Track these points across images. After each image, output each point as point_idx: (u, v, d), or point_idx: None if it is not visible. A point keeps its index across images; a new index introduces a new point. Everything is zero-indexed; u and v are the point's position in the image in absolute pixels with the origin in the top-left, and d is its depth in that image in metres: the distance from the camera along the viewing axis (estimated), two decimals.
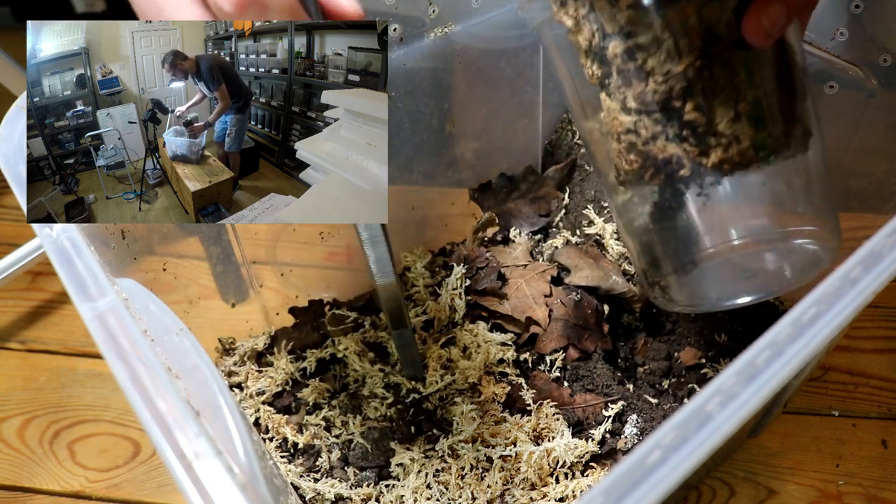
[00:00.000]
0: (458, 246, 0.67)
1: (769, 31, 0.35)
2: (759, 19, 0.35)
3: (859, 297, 0.31)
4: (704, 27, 0.35)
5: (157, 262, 0.51)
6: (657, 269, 0.44)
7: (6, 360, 0.69)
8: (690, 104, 0.36)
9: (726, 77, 0.36)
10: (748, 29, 0.35)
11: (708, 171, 0.38)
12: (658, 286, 0.45)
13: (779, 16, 0.35)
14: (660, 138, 0.37)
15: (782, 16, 0.35)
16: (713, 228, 0.40)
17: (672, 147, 0.37)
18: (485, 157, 0.66)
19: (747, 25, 0.35)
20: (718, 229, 0.40)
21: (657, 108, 0.37)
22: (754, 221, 0.40)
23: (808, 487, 0.56)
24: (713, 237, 0.40)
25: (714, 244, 0.40)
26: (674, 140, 0.37)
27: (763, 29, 0.35)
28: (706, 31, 0.35)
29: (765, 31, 0.35)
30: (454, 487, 0.50)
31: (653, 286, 0.46)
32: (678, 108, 0.36)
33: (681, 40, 0.35)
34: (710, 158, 0.37)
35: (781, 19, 0.35)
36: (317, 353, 0.58)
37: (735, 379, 0.28)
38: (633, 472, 0.26)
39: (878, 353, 0.65)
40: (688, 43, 0.35)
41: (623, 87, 0.37)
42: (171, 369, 0.32)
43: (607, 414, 0.53)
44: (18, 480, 0.60)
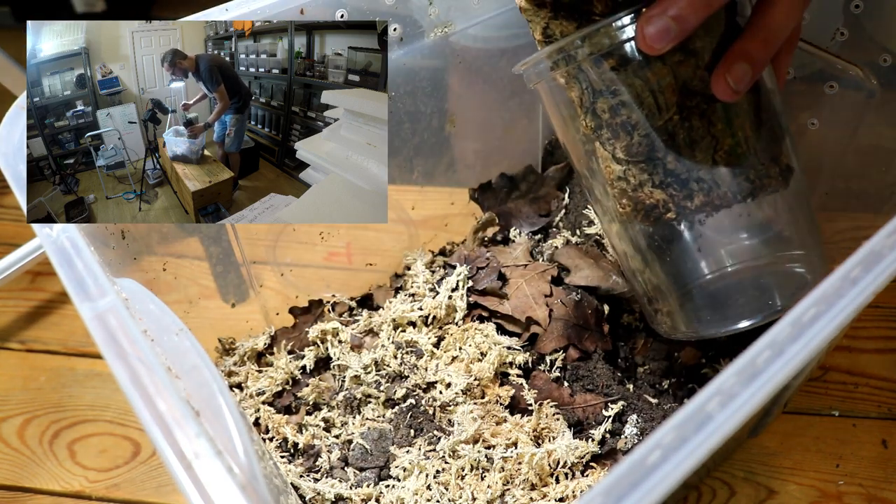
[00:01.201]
0: (458, 246, 0.67)
1: (735, 88, 0.38)
2: (725, 79, 0.38)
3: (859, 297, 0.31)
4: (680, 84, 0.38)
5: (157, 262, 0.51)
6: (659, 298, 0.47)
7: (6, 360, 0.69)
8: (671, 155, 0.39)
9: (704, 127, 0.39)
10: (716, 87, 0.38)
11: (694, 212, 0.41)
12: (661, 313, 0.47)
13: (743, 74, 0.37)
14: (646, 185, 0.41)
15: (747, 73, 0.37)
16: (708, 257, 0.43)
17: (658, 193, 0.41)
18: (485, 157, 0.66)
19: (715, 84, 0.38)
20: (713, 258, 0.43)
21: (642, 158, 0.40)
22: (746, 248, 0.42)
23: (808, 487, 0.56)
24: (709, 264, 0.43)
25: (711, 271, 0.43)
26: (659, 187, 0.40)
27: (730, 87, 0.38)
28: (682, 88, 0.38)
29: (731, 89, 0.38)
30: (454, 488, 0.50)
31: (656, 313, 0.48)
32: (661, 158, 0.40)
33: (660, 97, 0.39)
34: (693, 202, 0.40)
35: (746, 76, 0.37)
36: (315, 351, 0.58)
37: (735, 379, 0.28)
38: (633, 472, 0.26)
39: (878, 353, 0.65)
40: (666, 99, 0.39)
41: (612, 139, 0.40)
42: (171, 369, 0.32)
43: (607, 414, 0.53)
44: (18, 480, 0.60)
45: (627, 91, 0.39)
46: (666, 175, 0.40)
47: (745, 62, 0.37)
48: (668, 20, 0.35)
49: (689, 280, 0.44)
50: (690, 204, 0.40)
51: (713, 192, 0.40)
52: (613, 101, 0.39)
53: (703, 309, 0.46)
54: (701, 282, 0.43)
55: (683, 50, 0.38)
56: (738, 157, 0.40)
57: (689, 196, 0.40)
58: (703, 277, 0.43)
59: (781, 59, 0.42)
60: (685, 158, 0.39)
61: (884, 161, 0.52)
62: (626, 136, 0.40)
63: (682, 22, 0.35)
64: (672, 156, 0.39)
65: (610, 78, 0.39)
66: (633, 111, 0.39)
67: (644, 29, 0.36)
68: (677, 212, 0.41)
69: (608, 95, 0.39)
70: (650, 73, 0.38)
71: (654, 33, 0.36)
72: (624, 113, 0.39)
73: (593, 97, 0.40)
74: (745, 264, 0.42)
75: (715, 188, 0.40)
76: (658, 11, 0.36)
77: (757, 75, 0.38)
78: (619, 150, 0.40)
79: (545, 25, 0.40)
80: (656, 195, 0.41)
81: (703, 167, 0.39)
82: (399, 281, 0.64)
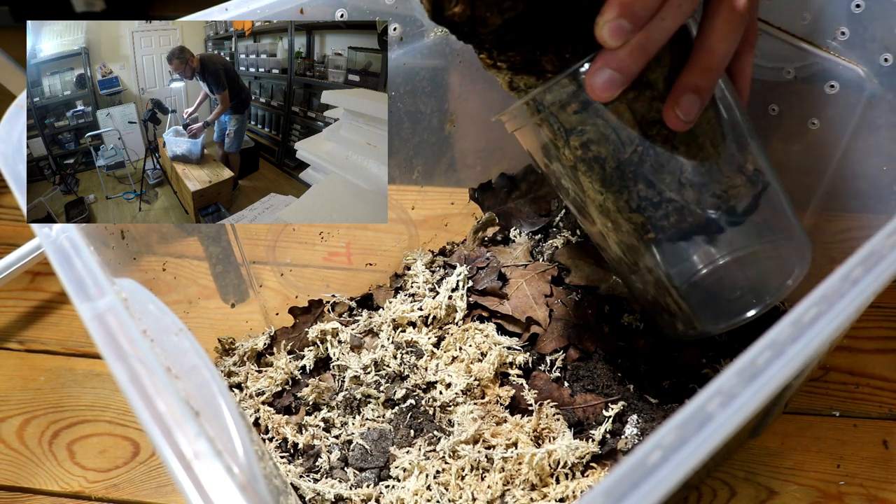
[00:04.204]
0: (459, 246, 0.67)
1: (686, 119, 0.39)
2: (674, 112, 0.39)
3: (860, 297, 0.31)
4: (639, 118, 0.41)
5: (157, 262, 0.51)
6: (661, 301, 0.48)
7: (5, 361, 0.69)
8: (641, 183, 0.42)
9: (668, 152, 0.41)
10: (668, 120, 0.40)
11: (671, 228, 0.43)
12: (667, 313, 0.49)
13: (691, 105, 0.39)
14: (624, 211, 0.43)
15: (694, 103, 0.39)
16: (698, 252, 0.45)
17: (636, 217, 0.43)
18: (485, 157, 0.66)
19: (667, 118, 0.40)
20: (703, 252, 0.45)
21: (616, 187, 0.43)
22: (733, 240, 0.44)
23: (808, 488, 0.56)
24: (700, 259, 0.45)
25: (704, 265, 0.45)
26: (636, 211, 0.43)
27: (680, 119, 0.39)
28: (641, 120, 0.41)
29: (682, 120, 0.39)
30: (454, 488, 0.49)
31: (660, 314, 0.50)
32: (632, 186, 0.42)
33: (621, 133, 0.41)
34: (669, 221, 0.43)
35: (694, 107, 0.39)
36: (315, 351, 0.58)
37: (736, 379, 0.28)
38: (633, 472, 0.26)
39: (879, 354, 0.64)
40: (628, 133, 0.41)
41: (588, 172, 0.43)
42: (171, 369, 0.32)
43: (608, 414, 0.53)
44: (17, 481, 0.60)
45: (592, 130, 0.41)
46: (640, 200, 0.43)
47: (691, 93, 0.39)
48: (611, 72, 0.38)
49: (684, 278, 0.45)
50: (667, 223, 0.43)
51: (685, 211, 0.42)
52: (583, 139, 0.42)
53: (705, 305, 0.47)
54: (696, 279, 0.45)
55: (636, 86, 0.40)
56: (701, 176, 0.42)
57: (664, 216, 0.43)
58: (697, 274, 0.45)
59: (742, 60, 0.43)
60: (655, 183, 0.42)
61: (884, 161, 0.52)
62: (598, 168, 0.42)
63: (624, 71, 0.38)
64: (642, 183, 0.42)
65: (576, 119, 0.42)
66: (601, 146, 0.42)
67: (591, 82, 0.38)
68: (656, 232, 0.44)
69: (578, 134, 0.42)
70: (608, 112, 0.41)
71: (601, 85, 0.38)
72: (594, 149, 0.42)
73: (566, 136, 0.43)
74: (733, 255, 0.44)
75: (686, 206, 0.42)
76: (601, 65, 0.38)
77: (706, 102, 0.40)
78: (596, 182, 0.43)
79: (510, 80, 0.43)
80: (634, 218, 0.43)
81: (671, 190, 0.42)
82: (399, 281, 0.64)
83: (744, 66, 0.44)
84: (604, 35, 0.37)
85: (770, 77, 0.54)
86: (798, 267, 0.46)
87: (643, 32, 0.37)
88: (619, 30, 0.36)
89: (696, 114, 0.39)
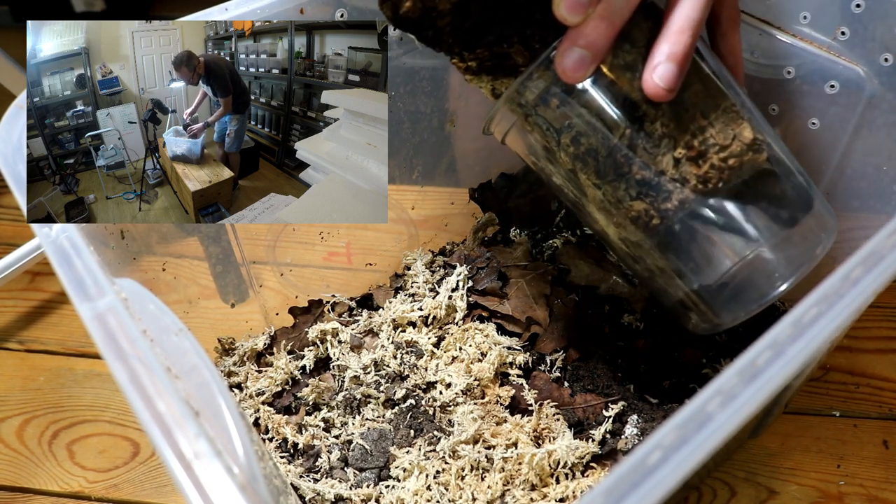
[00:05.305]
0: (459, 246, 0.67)
1: (667, 87, 0.38)
2: (652, 79, 0.38)
3: (860, 297, 0.31)
4: (622, 101, 0.40)
5: (157, 262, 0.51)
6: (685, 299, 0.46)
7: (5, 361, 0.69)
8: (636, 165, 0.41)
9: (658, 132, 0.40)
10: (648, 91, 0.38)
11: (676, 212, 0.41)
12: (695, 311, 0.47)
13: (668, 72, 0.38)
14: (625, 200, 0.42)
15: (671, 70, 0.38)
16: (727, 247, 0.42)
17: (638, 204, 0.42)
18: (485, 157, 0.66)
19: (647, 88, 0.38)
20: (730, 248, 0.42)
21: (613, 177, 0.42)
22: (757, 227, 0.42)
23: (809, 488, 0.56)
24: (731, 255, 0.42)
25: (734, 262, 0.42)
26: (637, 198, 0.42)
27: (660, 88, 0.38)
28: (625, 102, 0.40)
29: (662, 87, 0.38)
30: (454, 488, 0.49)
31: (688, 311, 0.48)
32: (628, 172, 0.41)
33: (605, 116, 0.40)
34: (671, 202, 0.41)
35: (672, 73, 0.38)
36: (315, 351, 0.58)
37: (736, 379, 0.28)
38: (633, 472, 0.26)
39: (879, 354, 0.64)
40: (612, 117, 0.40)
41: (584, 168, 0.42)
42: (171, 369, 0.32)
43: (608, 414, 0.53)
44: (17, 481, 0.60)
45: (579, 122, 0.41)
46: (639, 185, 0.41)
47: (667, 61, 0.38)
48: (579, 51, 0.37)
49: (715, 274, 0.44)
50: (670, 205, 0.42)
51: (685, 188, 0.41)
52: (573, 134, 0.41)
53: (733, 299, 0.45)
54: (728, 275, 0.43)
55: (613, 69, 0.39)
56: (699, 150, 0.40)
57: (666, 198, 0.41)
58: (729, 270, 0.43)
59: (729, 38, 0.43)
60: (650, 165, 0.41)
61: (884, 161, 0.52)
62: (592, 161, 0.42)
63: (592, 48, 0.37)
64: (637, 166, 0.41)
65: (561, 114, 0.41)
66: (590, 137, 0.41)
67: (562, 65, 0.38)
68: (661, 216, 0.42)
69: (567, 130, 0.41)
70: (589, 98, 0.40)
71: (572, 65, 0.37)
72: (584, 142, 0.41)
73: (557, 136, 0.42)
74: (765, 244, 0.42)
75: (685, 183, 0.41)
76: (568, 45, 0.37)
77: (683, 68, 0.38)
78: (592, 176, 0.42)
79: (492, 88, 0.43)
80: (636, 206, 0.42)
81: (668, 168, 0.41)
82: (399, 281, 0.64)
83: (732, 44, 0.43)
84: (562, 12, 0.36)
85: (770, 77, 0.54)
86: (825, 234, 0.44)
87: (603, 4, 0.36)
88: (576, 3, 0.36)
89: (674, 80, 0.38)
